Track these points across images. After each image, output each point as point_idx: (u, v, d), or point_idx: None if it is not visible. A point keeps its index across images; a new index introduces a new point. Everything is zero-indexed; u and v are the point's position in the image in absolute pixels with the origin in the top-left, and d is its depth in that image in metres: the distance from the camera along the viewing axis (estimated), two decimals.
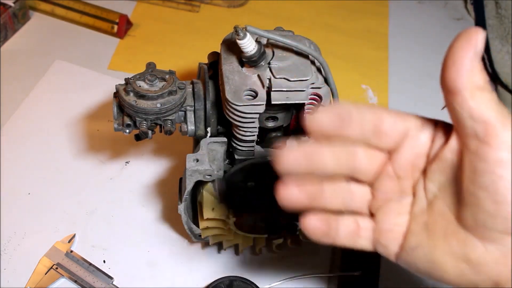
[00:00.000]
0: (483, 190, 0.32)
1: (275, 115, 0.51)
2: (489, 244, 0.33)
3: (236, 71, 0.49)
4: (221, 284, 0.58)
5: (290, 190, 0.38)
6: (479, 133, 0.31)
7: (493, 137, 0.31)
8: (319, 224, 0.39)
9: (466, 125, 0.32)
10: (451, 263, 0.35)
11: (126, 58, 0.85)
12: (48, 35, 0.88)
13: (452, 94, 0.32)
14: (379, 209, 0.38)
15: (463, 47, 0.32)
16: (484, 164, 0.32)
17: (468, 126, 0.32)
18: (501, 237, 0.33)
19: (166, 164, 0.72)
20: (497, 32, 0.96)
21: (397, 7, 0.98)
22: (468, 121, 0.32)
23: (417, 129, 0.36)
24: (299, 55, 0.50)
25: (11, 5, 0.85)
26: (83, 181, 0.69)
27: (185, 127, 0.53)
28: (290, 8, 0.96)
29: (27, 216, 0.65)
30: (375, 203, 0.38)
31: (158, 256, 0.63)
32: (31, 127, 0.75)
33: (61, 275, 0.60)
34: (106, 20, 0.88)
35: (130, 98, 0.49)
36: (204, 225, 0.53)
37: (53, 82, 0.81)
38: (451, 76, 0.32)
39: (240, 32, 0.46)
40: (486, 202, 0.32)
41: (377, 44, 0.92)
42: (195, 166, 0.50)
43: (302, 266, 0.63)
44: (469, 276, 0.35)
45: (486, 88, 0.32)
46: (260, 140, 0.55)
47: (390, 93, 0.84)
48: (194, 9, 0.94)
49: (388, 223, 0.38)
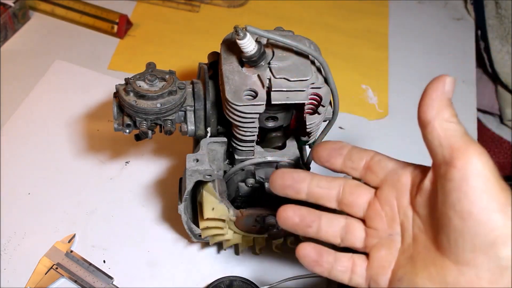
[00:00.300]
0: (452, 209, 0.36)
1: (275, 115, 0.51)
2: (463, 266, 0.36)
3: (236, 71, 0.49)
4: (221, 284, 0.58)
5: (288, 213, 0.44)
6: (446, 157, 0.36)
7: (458, 159, 0.35)
8: (312, 253, 0.44)
9: (437, 152, 0.37)
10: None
11: (126, 58, 0.85)
12: (48, 35, 0.88)
13: (425, 126, 0.37)
14: (372, 248, 0.42)
15: (434, 87, 0.37)
16: (451, 184, 0.36)
17: (439, 153, 0.37)
18: (473, 257, 0.35)
19: (166, 164, 0.72)
20: (497, 32, 0.96)
21: (397, 7, 0.98)
22: (438, 148, 0.37)
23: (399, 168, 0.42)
24: (299, 55, 0.50)
25: (11, 5, 0.85)
26: (83, 181, 0.69)
27: (185, 127, 0.53)
28: (290, 8, 0.96)
29: (27, 216, 0.65)
30: (368, 241, 0.42)
31: (158, 256, 0.63)
32: (31, 127, 0.75)
33: (61, 275, 0.60)
34: (106, 20, 0.88)
35: (130, 98, 0.49)
36: (204, 225, 0.53)
37: (53, 82, 0.81)
38: (424, 110, 0.37)
39: (240, 32, 0.46)
40: (454, 220, 0.36)
41: (377, 44, 0.92)
42: (195, 166, 0.50)
43: (302, 266, 0.63)
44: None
45: (453, 121, 0.37)
46: (260, 140, 0.55)
47: (390, 93, 0.84)
48: (194, 9, 0.94)
49: (380, 260, 0.41)
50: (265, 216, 0.55)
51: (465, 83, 0.87)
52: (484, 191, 0.35)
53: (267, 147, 0.55)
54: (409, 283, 0.39)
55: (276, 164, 0.55)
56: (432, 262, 0.38)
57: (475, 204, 0.35)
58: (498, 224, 0.34)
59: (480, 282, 0.35)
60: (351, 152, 0.44)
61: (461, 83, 0.87)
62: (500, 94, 1.02)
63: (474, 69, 0.91)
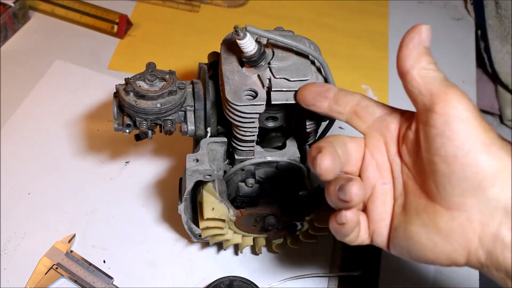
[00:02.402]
0: (436, 155, 0.36)
1: (275, 115, 0.51)
2: (454, 211, 0.36)
3: (236, 71, 0.49)
4: (221, 284, 0.58)
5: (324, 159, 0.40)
6: (426, 104, 0.36)
7: (438, 104, 0.35)
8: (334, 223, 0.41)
9: (417, 100, 0.37)
10: (425, 236, 0.37)
11: (126, 58, 0.85)
12: (48, 35, 0.88)
13: (404, 76, 0.38)
14: (368, 201, 0.41)
15: (410, 37, 0.38)
16: (433, 130, 0.36)
17: (419, 101, 0.37)
18: (462, 201, 0.35)
19: (166, 164, 0.72)
20: (497, 32, 0.96)
21: (397, 7, 0.98)
22: (418, 97, 0.37)
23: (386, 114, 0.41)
24: (299, 55, 0.50)
25: (11, 5, 0.85)
26: (83, 181, 0.69)
27: (185, 127, 0.53)
28: (290, 8, 0.96)
29: (27, 216, 0.65)
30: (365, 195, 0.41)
31: (158, 256, 0.63)
32: (31, 127, 0.75)
33: (61, 275, 0.60)
34: (106, 20, 0.88)
35: (130, 98, 0.49)
36: (204, 225, 0.53)
37: (53, 82, 0.81)
38: (402, 60, 0.38)
39: (240, 32, 0.46)
40: (440, 166, 0.36)
41: (377, 44, 0.92)
42: (195, 166, 0.50)
43: (302, 266, 0.63)
44: (442, 247, 0.37)
45: (431, 68, 0.37)
46: (260, 140, 0.55)
47: (390, 93, 0.84)
48: (194, 9, 0.94)
49: (377, 212, 0.41)
50: (265, 216, 0.55)
51: (465, 83, 0.87)
52: (467, 134, 0.35)
53: (267, 147, 0.55)
54: (404, 232, 0.39)
55: (276, 164, 0.55)
56: (424, 209, 0.38)
57: (460, 148, 0.35)
58: (484, 165, 0.35)
59: (471, 225, 0.35)
60: (337, 95, 0.43)
61: (461, 83, 0.87)
62: (500, 94, 1.02)
63: (474, 69, 0.91)
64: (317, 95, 0.44)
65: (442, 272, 0.63)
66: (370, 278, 0.62)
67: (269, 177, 0.55)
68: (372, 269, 0.63)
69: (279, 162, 0.54)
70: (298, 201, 0.55)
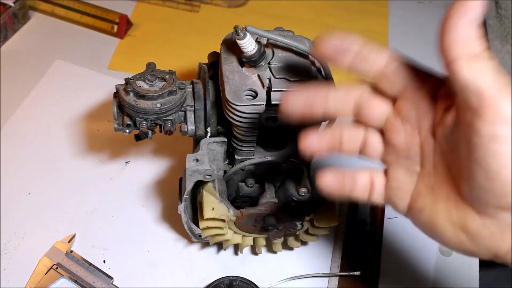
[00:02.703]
0: (477, 165, 0.31)
1: (275, 115, 0.51)
2: (486, 218, 0.33)
3: (236, 71, 0.49)
4: (221, 284, 0.58)
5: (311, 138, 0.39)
6: (473, 104, 0.30)
7: (487, 109, 0.29)
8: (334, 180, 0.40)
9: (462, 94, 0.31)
10: (451, 231, 0.35)
11: (126, 58, 0.85)
12: (48, 35, 0.88)
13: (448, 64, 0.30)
14: (390, 165, 0.38)
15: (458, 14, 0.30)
16: (477, 138, 0.30)
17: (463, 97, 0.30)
18: (496, 212, 0.33)
19: (166, 164, 0.72)
20: (497, 32, 0.96)
21: (397, 7, 0.98)
22: (463, 92, 0.30)
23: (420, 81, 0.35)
24: (299, 55, 0.50)
25: (11, 5, 0.85)
26: (83, 181, 0.69)
27: (185, 127, 0.53)
28: (290, 8, 0.96)
29: (27, 216, 0.65)
30: (387, 157, 0.39)
31: (158, 256, 0.63)
32: (31, 127, 0.75)
33: (61, 275, 0.60)
34: (106, 20, 0.88)
35: (130, 98, 0.49)
36: (204, 225, 0.53)
37: (53, 82, 0.81)
38: (446, 45, 0.30)
39: (240, 32, 0.46)
40: (479, 178, 0.31)
41: (377, 44, 0.92)
42: (195, 166, 0.50)
43: (302, 266, 0.63)
44: (468, 246, 0.35)
45: (483, 57, 0.30)
46: (260, 140, 0.55)
47: None
48: (194, 9, 0.94)
49: (398, 180, 0.38)
50: (265, 216, 0.55)
51: None
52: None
53: (267, 147, 0.55)
54: (430, 218, 0.36)
55: (276, 164, 0.55)
56: (454, 204, 0.34)
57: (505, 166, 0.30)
58: None
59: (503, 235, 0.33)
60: (362, 50, 0.37)
61: None
62: None
63: None
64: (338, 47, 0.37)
65: (442, 272, 0.63)
66: (370, 278, 0.62)
67: (269, 177, 0.55)
68: (372, 269, 0.63)
69: (279, 162, 0.54)
70: (298, 201, 0.55)
